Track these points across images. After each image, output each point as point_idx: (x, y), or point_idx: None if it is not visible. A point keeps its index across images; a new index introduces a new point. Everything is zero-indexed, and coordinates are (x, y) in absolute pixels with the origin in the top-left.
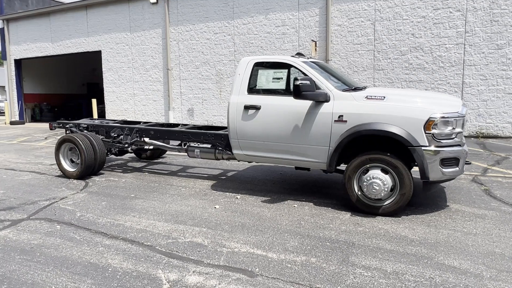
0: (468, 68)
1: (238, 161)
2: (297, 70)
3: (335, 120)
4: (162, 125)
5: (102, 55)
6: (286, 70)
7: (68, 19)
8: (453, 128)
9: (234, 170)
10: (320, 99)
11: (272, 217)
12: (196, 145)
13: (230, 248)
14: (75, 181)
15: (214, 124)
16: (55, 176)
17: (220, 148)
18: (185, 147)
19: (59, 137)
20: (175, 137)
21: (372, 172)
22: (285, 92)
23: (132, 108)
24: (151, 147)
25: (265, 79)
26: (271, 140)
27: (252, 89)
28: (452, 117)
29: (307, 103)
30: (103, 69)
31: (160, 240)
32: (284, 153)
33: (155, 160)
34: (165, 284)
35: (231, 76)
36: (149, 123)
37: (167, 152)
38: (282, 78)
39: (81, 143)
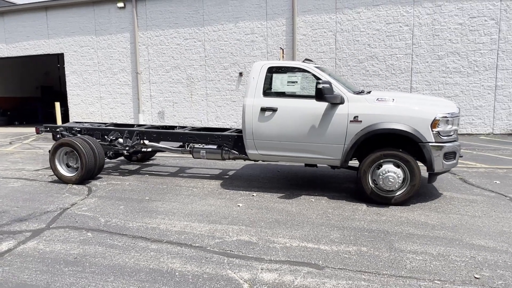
0: (415, 75)
1: (245, 160)
2: (311, 75)
3: (350, 121)
4: (158, 127)
5: (65, 58)
6: (300, 74)
7: (25, 20)
8: (452, 126)
9: (231, 169)
10: (337, 101)
11: (299, 212)
12: (201, 146)
13: (281, 243)
14: (75, 186)
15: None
16: (48, 182)
17: (226, 148)
18: (189, 148)
19: (55, 142)
20: (179, 139)
21: (386, 167)
22: (300, 94)
23: (99, 111)
24: (149, 149)
25: (280, 82)
26: (287, 140)
27: (268, 92)
28: (451, 117)
29: (323, 105)
30: (66, 72)
31: (208, 241)
32: (299, 151)
33: (146, 162)
34: (244, 283)
35: (202, 80)
36: (144, 126)
37: (158, 154)
38: (296, 82)
39: (81, 147)
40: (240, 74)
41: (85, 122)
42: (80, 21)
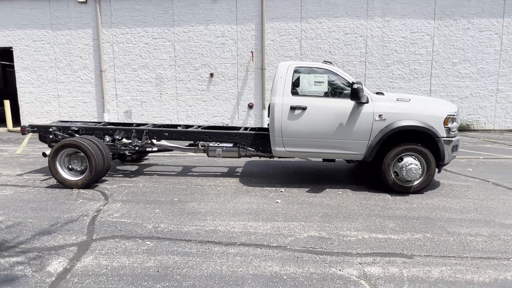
0: (368, 79)
1: (260, 158)
2: (335, 76)
3: (375, 119)
4: (160, 126)
5: (14, 52)
6: (326, 75)
7: None
8: (456, 123)
9: (233, 166)
10: (365, 100)
11: (339, 205)
12: (217, 144)
13: (352, 236)
14: (83, 191)
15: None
16: (46, 187)
17: (243, 146)
18: (202, 147)
19: (57, 143)
20: (193, 138)
21: (407, 160)
22: (327, 94)
23: (57, 110)
24: (155, 148)
25: (307, 82)
26: (316, 137)
27: (295, 91)
28: (456, 115)
29: (351, 104)
30: (16, 68)
31: (282, 240)
32: (326, 148)
33: (141, 162)
34: (359, 279)
35: (172, 80)
36: (146, 125)
37: (149, 154)
38: (323, 82)
39: (89, 148)
40: (211, 75)
41: (71, 121)
42: (33, 14)
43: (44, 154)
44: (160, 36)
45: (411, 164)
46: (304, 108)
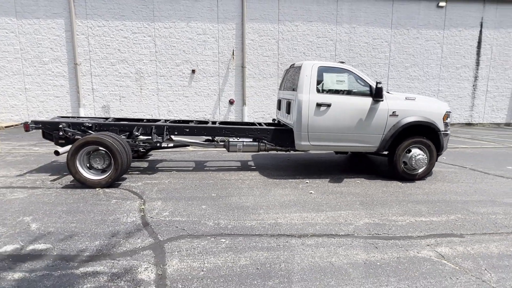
0: None
1: (277, 151)
2: (353, 75)
3: (390, 115)
4: (174, 122)
5: None
6: (346, 75)
7: None
8: (450, 119)
9: (244, 160)
10: (382, 99)
11: (365, 193)
12: (237, 139)
13: (402, 221)
14: (108, 190)
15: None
16: (62, 188)
17: (264, 141)
18: (222, 142)
19: (78, 140)
20: (215, 134)
21: (415, 151)
22: (347, 92)
23: (24, 105)
24: (170, 144)
25: (330, 81)
26: (338, 132)
27: (320, 89)
28: (450, 112)
29: (369, 102)
30: None
31: (345, 228)
32: (346, 141)
33: (147, 159)
34: (440, 259)
35: (153, 75)
36: (159, 121)
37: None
38: (344, 81)
39: (114, 145)
40: (193, 71)
41: (70, 117)
42: None
43: (56, 153)
44: (140, 30)
45: (419, 154)
46: (328, 105)
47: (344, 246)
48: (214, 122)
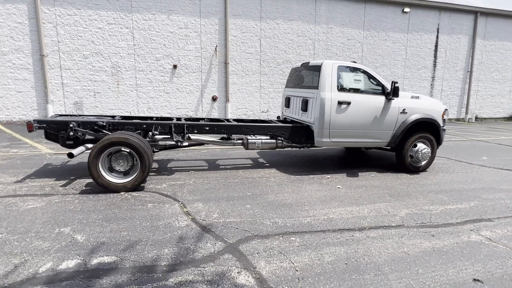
0: None
1: (292, 148)
2: (368, 75)
3: (400, 112)
4: (187, 119)
5: None
6: (362, 74)
7: None
8: (447, 116)
9: (252, 157)
10: (398, 97)
11: (385, 185)
12: (255, 137)
13: (435, 210)
14: (137, 194)
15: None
16: (80, 194)
17: (282, 138)
18: (239, 140)
19: (101, 140)
20: (235, 131)
21: (420, 145)
22: (364, 91)
23: None
24: (185, 143)
25: (348, 80)
26: (356, 128)
27: (340, 88)
28: (447, 109)
29: (382, 100)
30: None
31: (392, 219)
32: (362, 137)
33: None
34: (491, 242)
35: (131, 70)
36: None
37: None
38: (360, 80)
39: (141, 145)
40: (174, 66)
41: (72, 115)
42: None
43: (70, 155)
44: (117, 22)
45: (424, 148)
46: (348, 103)
47: (405, 236)
48: (228, 120)
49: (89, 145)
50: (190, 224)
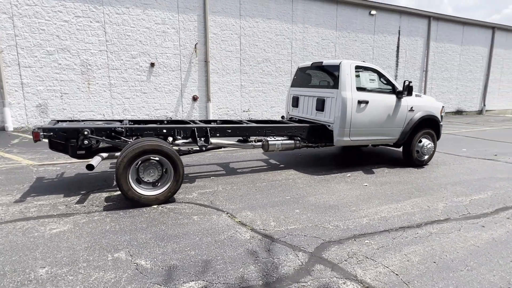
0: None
1: (308, 148)
2: (380, 74)
3: (408, 110)
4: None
5: None
6: (375, 74)
7: None
8: (444, 113)
9: (259, 159)
10: (408, 96)
11: (405, 181)
12: (274, 139)
13: (463, 202)
14: (172, 206)
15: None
16: (106, 211)
17: (300, 138)
18: (259, 142)
19: (132, 149)
20: (256, 133)
21: (425, 141)
22: (378, 90)
23: None
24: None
25: (364, 79)
26: (373, 127)
27: (358, 87)
28: (444, 106)
29: (394, 98)
30: None
31: (437, 213)
32: (376, 135)
33: None
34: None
35: (103, 68)
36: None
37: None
38: (375, 80)
39: (175, 152)
40: (152, 64)
41: (69, 120)
42: None
43: (90, 167)
44: (85, 14)
45: (429, 143)
46: (367, 102)
47: (462, 229)
48: (241, 122)
49: (104, 154)
50: (254, 236)
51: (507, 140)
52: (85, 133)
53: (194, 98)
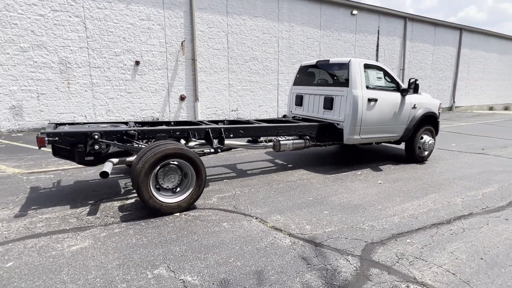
0: (280, 74)
1: (315, 147)
2: (385, 72)
3: (412, 107)
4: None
5: None
6: (381, 72)
7: None
8: (441, 109)
9: (266, 159)
10: (414, 94)
11: (414, 177)
12: (285, 139)
13: (476, 195)
14: (197, 213)
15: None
16: (124, 222)
17: (309, 137)
18: (270, 142)
19: (152, 153)
20: (269, 133)
21: (426, 137)
22: (384, 88)
23: None
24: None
25: (372, 77)
26: (380, 124)
27: (367, 86)
28: (441, 103)
29: (399, 96)
30: None
31: (457, 207)
32: (383, 132)
33: None
34: None
35: (84, 66)
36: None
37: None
38: (381, 78)
39: (197, 156)
40: (137, 63)
41: (70, 124)
42: None
43: (105, 175)
44: (64, 8)
45: (430, 140)
46: (376, 100)
47: (489, 224)
48: (250, 122)
49: (115, 160)
50: (295, 241)
51: (486, 134)
52: (96, 137)
53: (182, 98)
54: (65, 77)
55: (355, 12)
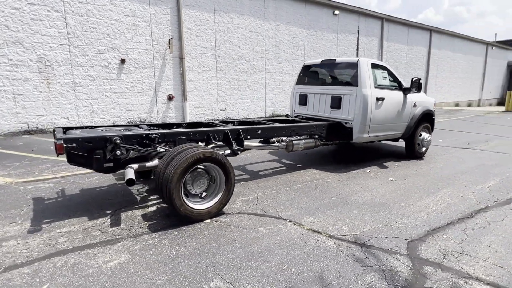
0: (268, 73)
1: (323, 146)
2: (389, 72)
3: (413, 106)
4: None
5: None
6: (386, 71)
7: None
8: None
9: (271, 159)
10: (417, 92)
11: (420, 173)
12: (297, 138)
13: (484, 189)
14: (229, 219)
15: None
16: (155, 232)
17: (319, 136)
18: (284, 143)
19: (183, 158)
20: (283, 133)
21: (424, 134)
22: (389, 86)
23: None
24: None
25: (379, 77)
26: (386, 123)
27: (375, 85)
28: (435, 101)
29: (402, 95)
30: None
31: (472, 202)
32: (388, 130)
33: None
34: None
35: (66, 65)
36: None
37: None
38: (386, 77)
39: (228, 160)
40: (122, 61)
41: (80, 127)
42: None
43: (131, 182)
44: (41, 2)
45: (428, 137)
46: (383, 99)
47: (509, 216)
48: (260, 122)
49: (135, 166)
50: (339, 243)
51: (465, 130)
52: (117, 141)
53: (170, 98)
54: (45, 76)
55: (337, 12)
